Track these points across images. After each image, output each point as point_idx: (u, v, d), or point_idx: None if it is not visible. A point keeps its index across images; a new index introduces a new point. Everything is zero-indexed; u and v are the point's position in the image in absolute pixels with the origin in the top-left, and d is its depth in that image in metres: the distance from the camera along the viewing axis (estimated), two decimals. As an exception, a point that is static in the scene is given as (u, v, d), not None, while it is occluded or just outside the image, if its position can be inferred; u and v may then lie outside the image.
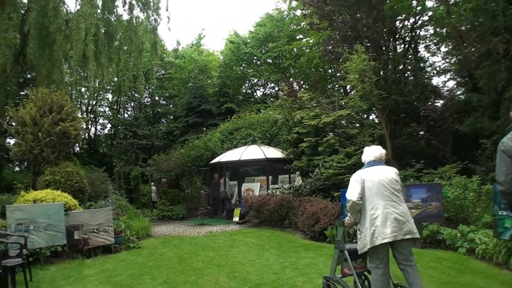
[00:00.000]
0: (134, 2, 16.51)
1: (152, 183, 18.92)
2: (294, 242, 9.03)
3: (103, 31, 14.39)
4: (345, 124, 11.51)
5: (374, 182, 3.89)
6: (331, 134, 11.64)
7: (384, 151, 4.28)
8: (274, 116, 15.87)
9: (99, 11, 14.62)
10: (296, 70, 21.17)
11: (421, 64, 13.85)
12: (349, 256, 4.18)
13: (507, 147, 3.34)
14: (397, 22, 13.57)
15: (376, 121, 12.66)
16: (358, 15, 12.03)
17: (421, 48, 14.71)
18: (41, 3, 11.76)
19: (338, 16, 12.99)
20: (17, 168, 15.77)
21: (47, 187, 9.44)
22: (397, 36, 13.73)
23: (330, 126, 11.65)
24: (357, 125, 11.68)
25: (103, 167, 15.85)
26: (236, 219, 13.28)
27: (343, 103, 11.62)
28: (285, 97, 13.73)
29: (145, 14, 16.46)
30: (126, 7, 16.31)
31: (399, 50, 13.81)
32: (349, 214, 4.16)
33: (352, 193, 3.96)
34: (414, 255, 3.90)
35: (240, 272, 6.37)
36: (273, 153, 14.32)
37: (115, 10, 16.20)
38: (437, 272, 5.86)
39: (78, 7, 12.88)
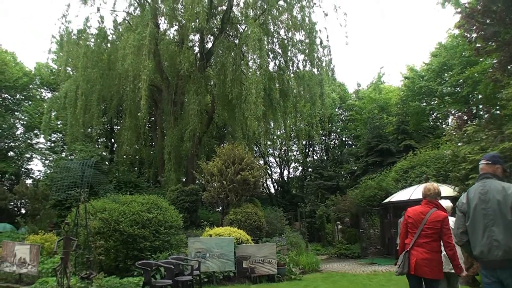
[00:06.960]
0: (307, 58, 18.91)
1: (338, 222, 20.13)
2: (445, 286, 8.70)
3: (278, 89, 17.12)
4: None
5: None
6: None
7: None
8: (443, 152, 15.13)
9: (275, 70, 17.48)
10: (480, 97, 19.40)
11: None
12: None
13: (459, 203, 3.78)
14: None
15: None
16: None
17: None
18: (221, 78, 15.19)
19: (504, 36, 11.99)
20: (218, 209, 19.42)
21: (231, 225, 11.87)
22: None
23: (496, 160, 10.65)
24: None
25: (279, 207, 17.92)
26: (404, 259, 13.09)
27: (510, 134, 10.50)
28: (452, 131, 13.15)
29: (314, 68, 18.55)
30: (300, 64, 19.07)
31: None
32: None
33: None
34: None
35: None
36: (444, 191, 13.53)
37: (290, 67, 19.05)
38: None
39: (258, 72, 15.77)
